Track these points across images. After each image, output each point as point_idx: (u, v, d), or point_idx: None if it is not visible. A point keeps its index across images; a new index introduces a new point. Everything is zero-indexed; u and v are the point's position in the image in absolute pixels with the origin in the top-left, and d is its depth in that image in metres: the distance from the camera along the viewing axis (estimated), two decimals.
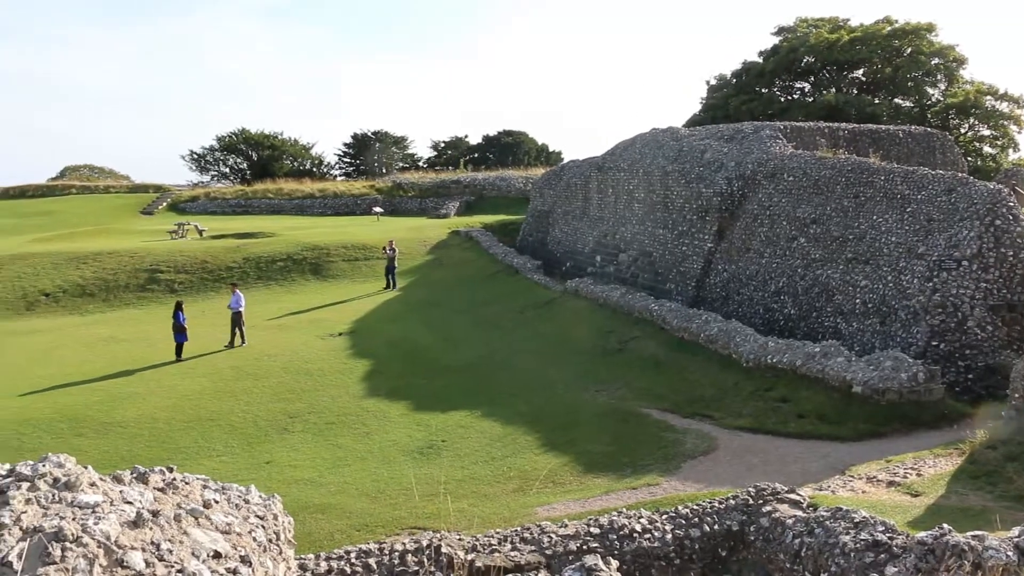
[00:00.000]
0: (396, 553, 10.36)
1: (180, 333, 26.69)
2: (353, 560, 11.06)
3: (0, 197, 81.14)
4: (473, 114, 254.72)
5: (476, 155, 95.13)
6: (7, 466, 5.54)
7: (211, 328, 29.64)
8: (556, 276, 36.80)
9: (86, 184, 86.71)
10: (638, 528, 10.02)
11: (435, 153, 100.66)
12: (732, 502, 10.41)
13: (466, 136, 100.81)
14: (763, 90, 65.87)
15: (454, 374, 24.34)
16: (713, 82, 70.60)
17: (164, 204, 73.41)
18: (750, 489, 10.54)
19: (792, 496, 10.16)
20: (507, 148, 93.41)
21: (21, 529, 4.86)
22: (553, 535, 10.17)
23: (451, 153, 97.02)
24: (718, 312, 26.04)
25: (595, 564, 7.05)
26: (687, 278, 29.51)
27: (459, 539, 12.06)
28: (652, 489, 15.53)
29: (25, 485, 5.26)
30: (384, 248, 39.03)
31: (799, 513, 9.54)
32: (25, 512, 4.98)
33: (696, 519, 10.13)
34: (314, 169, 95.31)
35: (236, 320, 27.68)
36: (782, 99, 65.48)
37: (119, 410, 22.03)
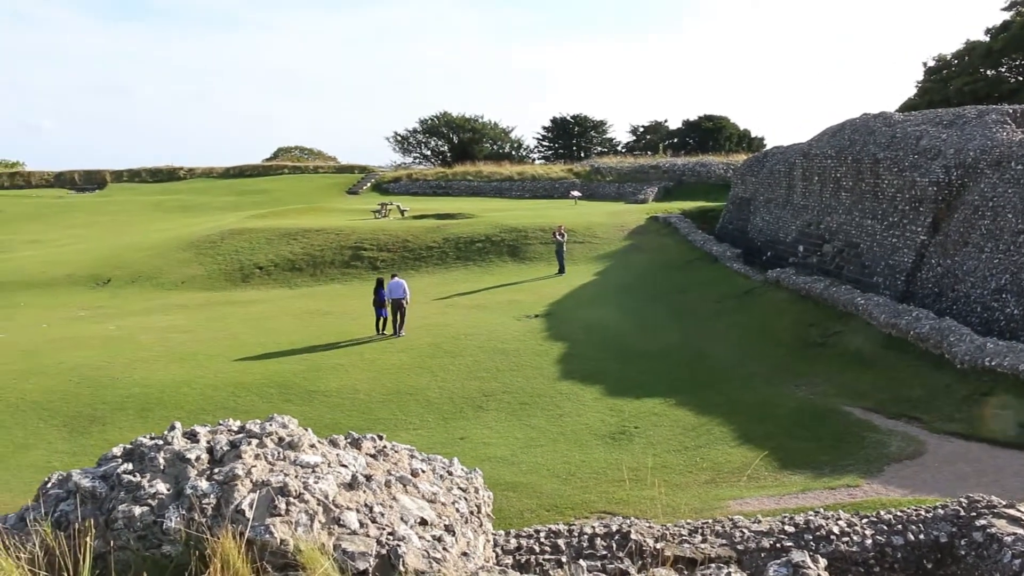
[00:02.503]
0: (585, 536, 10.37)
1: (381, 308, 27.71)
2: (542, 539, 11.17)
3: (221, 176, 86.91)
4: (673, 99, 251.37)
5: (675, 140, 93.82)
6: (238, 423, 5.92)
7: (411, 306, 30.52)
8: (756, 265, 35.80)
9: (297, 165, 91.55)
10: (836, 530, 9.62)
11: (634, 138, 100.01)
12: (941, 512, 9.80)
13: (665, 121, 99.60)
14: (989, 71, 61.38)
15: (648, 360, 24.14)
16: (931, 63, 66.47)
17: (368, 184, 76.43)
18: (962, 500, 9.89)
19: (1011, 512, 9.44)
20: (708, 133, 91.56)
21: (252, 481, 5.18)
22: (746, 530, 9.92)
23: (650, 138, 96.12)
24: (929, 309, 24.57)
25: (803, 561, 6.80)
26: (896, 272, 28.02)
27: (648, 527, 11.96)
28: (852, 491, 14.90)
29: (255, 442, 5.59)
30: (554, 232, 39.16)
31: (1020, 531, 8.86)
32: (255, 466, 5.30)
33: (900, 526, 9.60)
34: (513, 152, 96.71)
35: (398, 308, 27.76)
36: (1011, 80, 60.69)
37: (323, 380, 23.13)
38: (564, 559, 10.92)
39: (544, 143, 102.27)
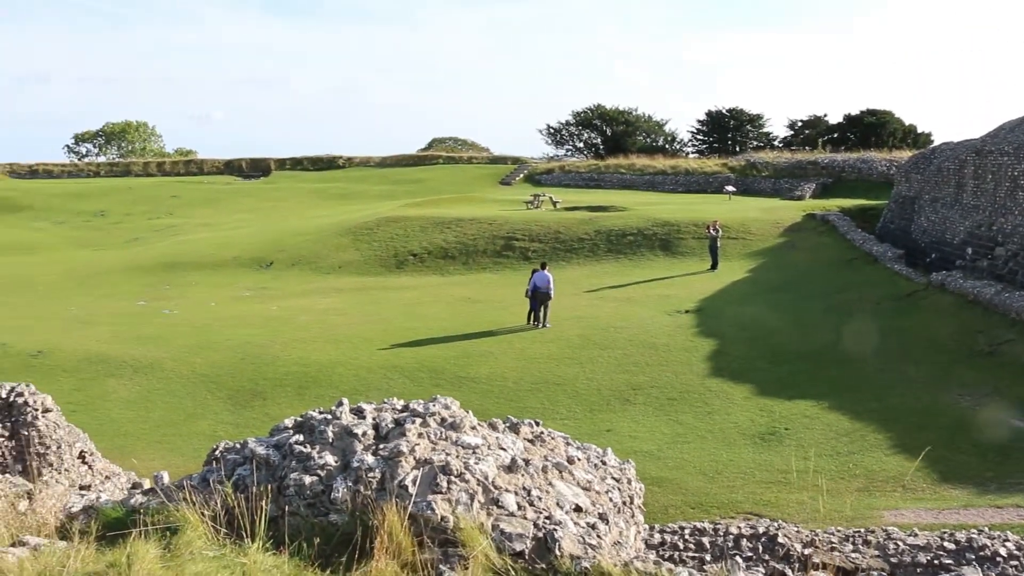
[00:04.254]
0: (731, 536, 10.25)
1: (533, 298, 27.93)
2: (687, 536, 11.09)
3: (378, 166, 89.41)
4: (833, 93, 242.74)
5: (835, 135, 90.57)
6: (402, 402, 6.13)
7: (561, 297, 30.63)
8: (919, 267, 34.26)
9: (451, 155, 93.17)
10: (1003, 552, 9.16)
11: (791, 132, 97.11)
12: None
13: (825, 115, 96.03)
14: None
15: (801, 361, 23.51)
16: None
17: (521, 175, 77.01)
18: None
19: None
20: (870, 128, 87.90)
21: (415, 459, 5.37)
22: (900, 543, 9.58)
23: (808, 133, 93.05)
24: None
25: None
26: None
27: (796, 531, 11.69)
28: (1022, 512, 14.11)
29: (418, 421, 5.79)
30: (708, 227, 38.44)
31: None
32: (418, 444, 5.49)
33: None
34: (667, 146, 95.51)
35: (543, 300, 27.72)
36: None
37: (473, 366, 23.54)
38: (708, 557, 10.80)
39: (698, 137, 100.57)
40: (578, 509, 5.68)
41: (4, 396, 13.93)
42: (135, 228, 62.42)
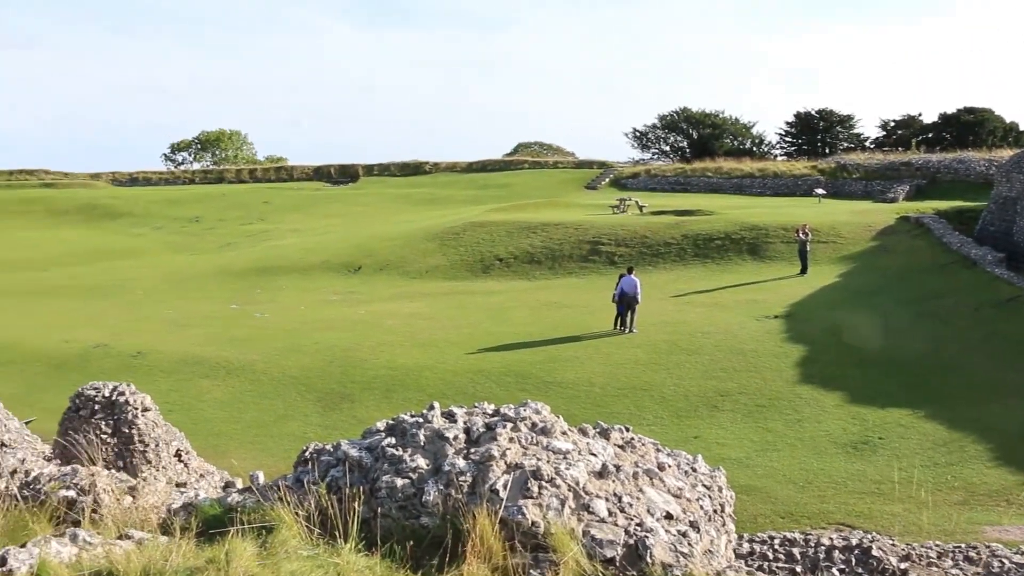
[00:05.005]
0: (822, 547, 10.03)
1: (620, 303, 27.78)
2: (776, 546, 10.88)
3: (464, 171, 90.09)
4: (927, 91, 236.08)
5: (930, 135, 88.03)
6: (492, 407, 6.16)
7: (648, 302, 30.40)
8: (1021, 271, 33.09)
9: (536, 160, 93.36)
10: None
11: (883, 133, 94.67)
12: None
13: (919, 115, 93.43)
14: None
15: (895, 368, 22.90)
16: None
17: (607, 180, 76.72)
18: None
19: None
20: (967, 127, 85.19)
21: (506, 463, 5.38)
22: (1005, 560, 9.24)
23: (901, 133, 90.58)
24: None
25: None
26: None
27: (892, 544, 11.37)
28: None
29: (509, 425, 5.80)
30: (797, 231, 37.67)
31: None
32: (509, 449, 5.50)
33: None
34: (754, 148, 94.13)
35: (630, 305, 27.52)
36: None
37: (559, 371, 23.53)
38: (799, 569, 10.59)
39: (787, 139, 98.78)
40: (669, 516, 5.62)
41: (107, 395, 14.42)
42: (228, 233, 64.08)
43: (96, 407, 14.33)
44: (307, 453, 9.36)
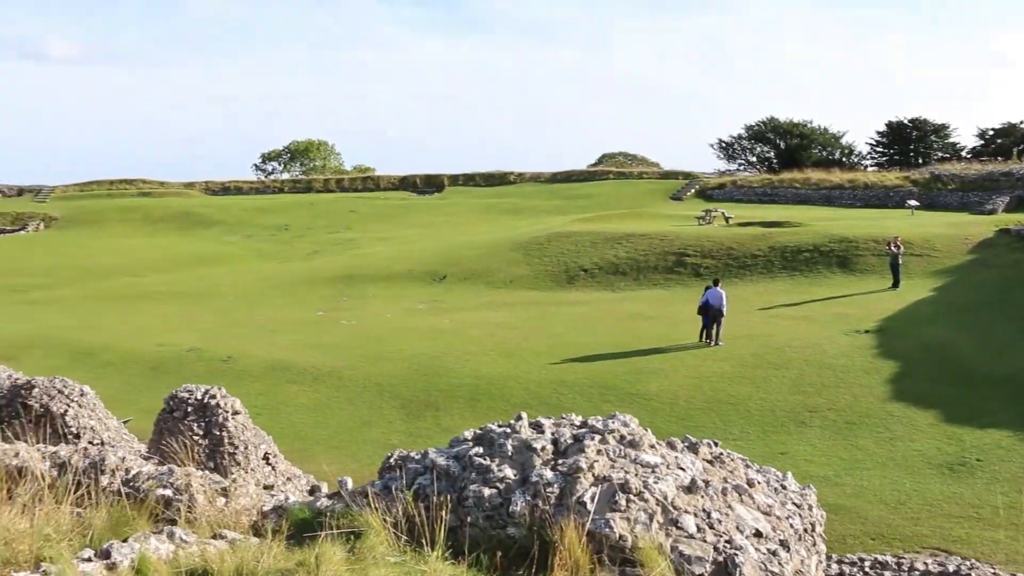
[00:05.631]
0: (916, 572, 9.75)
1: (706, 315, 27.44)
2: (867, 569, 10.60)
3: (548, 181, 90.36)
4: None
5: None
6: (580, 418, 6.13)
7: (734, 315, 29.98)
8: None
9: (621, 170, 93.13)
10: None
11: (981, 142, 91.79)
12: None
13: (1021, 122, 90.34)
14: None
15: (994, 386, 22.09)
16: None
17: (692, 191, 76.07)
18: None
19: None
20: None
21: (593, 475, 5.35)
22: None
23: (1001, 142, 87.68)
24: None
25: None
26: None
27: (994, 573, 10.97)
28: None
29: (597, 437, 5.77)
30: (889, 244, 36.65)
31: None
32: (597, 461, 5.47)
33: None
34: (843, 159, 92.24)
35: (716, 317, 27.15)
36: None
37: (643, 383, 23.32)
38: None
39: (878, 149, 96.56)
40: (758, 534, 5.50)
41: (199, 398, 14.80)
42: (316, 242, 65.32)
43: (189, 409, 14.72)
44: (391, 460, 9.44)
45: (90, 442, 15.39)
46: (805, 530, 6.34)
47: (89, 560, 4.87)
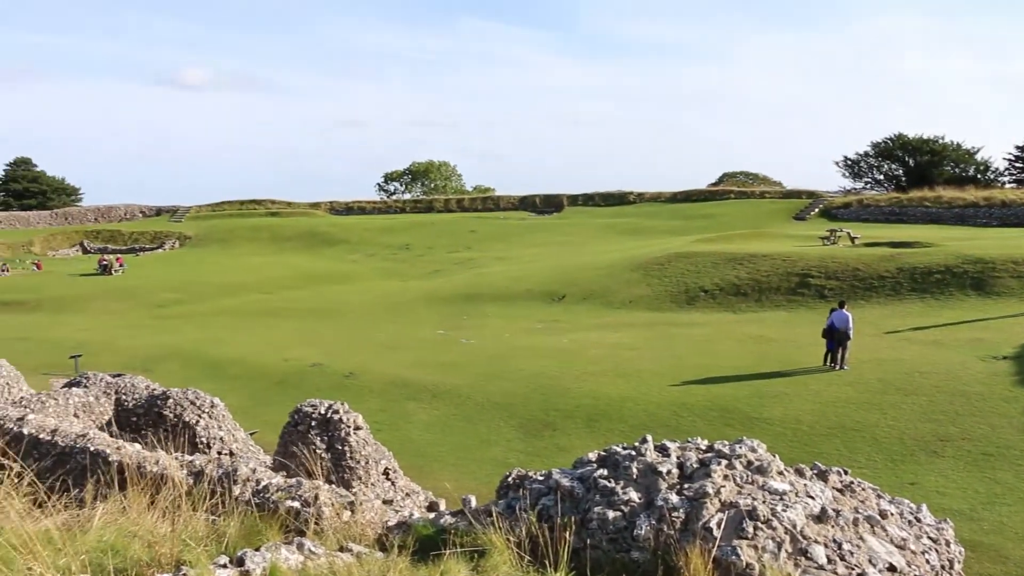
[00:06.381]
0: None
1: (831, 339, 26.67)
2: None
3: (668, 201, 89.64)
4: None
5: None
6: (706, 442, 6.03)
7: (860, 338, 29.07)
8: None
9: (742, 189, 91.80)
10: None
11: None
12: None
13: None
14: None
15: None
16: None
17: (816, 210, 74.35)
18: None
19: None
20: None
21: (720, 501, 5.25)
22: None
23: None
24: None
25: None
26: None
27: None
28: None
29: (724, 463, 5.66)
30: None
31: None
32: (723, 487, 5.36)
33: None
34: (978, 176, 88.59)
35: (841, 340, 26.29)
36: None
37: (765, 407, 22.77)
38: None
39: (1017, 164, 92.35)
40: (892, 569, 5.29)
41: (323, 412, 15.19)
42: (436, 261, 66.38)
43: (312, 423, 15.11)
44: (509, 479, 9.48)
45: (219, 452, 15.98)
46: (943, 567, 6.06)
47: (224, 567, 5.04)
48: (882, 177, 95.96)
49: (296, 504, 6.66)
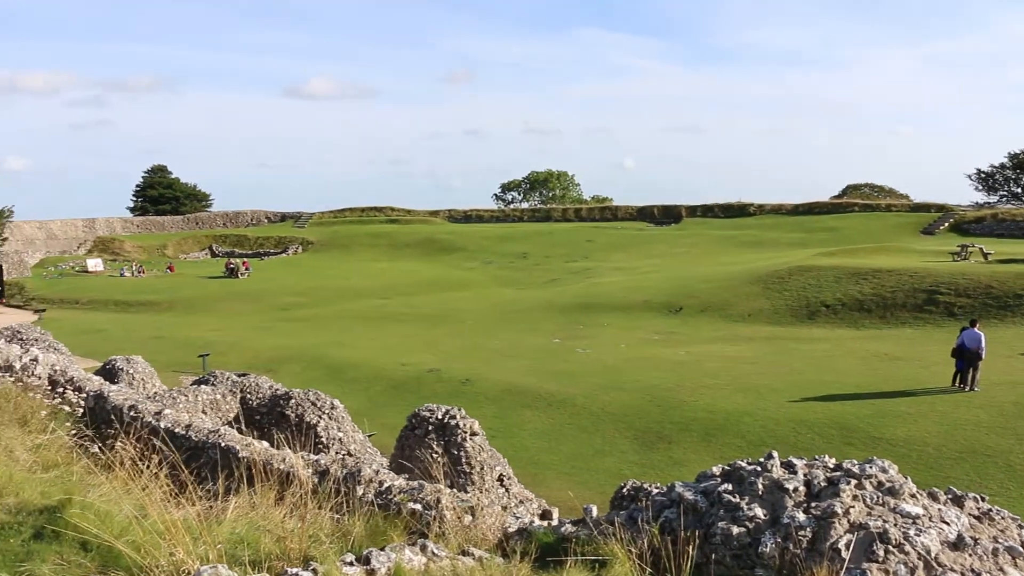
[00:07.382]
0: None
1: (960, 358, 25.62)
2: None
3: (790, 213, 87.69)
4: None
5: None
6: (834, 461, 5.90)
7: (993, 359, 27.85)
8: None
9: (867, 202, 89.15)
10: None
11: None
12: None
13: None
14: None
15: None
16: None
17: (946, 224, 71.70)
18: None
19: None
20: None
21: (849, 522, 5.12)
22: None
23: None
24: None
25: None
26: None
27: None
28: None
29: (853, 482, 5.53)
30: None
31: None
32: (852, 507, 5.23)
33: None
34: None
35: (972, 361, 25.10)
36: None
37: (888, 427, 22.03)
38: None
39: None
40: None
41: (440, 417, 15.42)
42: (553, 270, 66.56)
43: (429, 427, 15.36)
44: (624, 490, 9.43)
45: (337, 453, 16.39)
46: None
47: (351, 564, 5.18)
48: (1020, 190, 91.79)
49: (418, 507, 6.79)
